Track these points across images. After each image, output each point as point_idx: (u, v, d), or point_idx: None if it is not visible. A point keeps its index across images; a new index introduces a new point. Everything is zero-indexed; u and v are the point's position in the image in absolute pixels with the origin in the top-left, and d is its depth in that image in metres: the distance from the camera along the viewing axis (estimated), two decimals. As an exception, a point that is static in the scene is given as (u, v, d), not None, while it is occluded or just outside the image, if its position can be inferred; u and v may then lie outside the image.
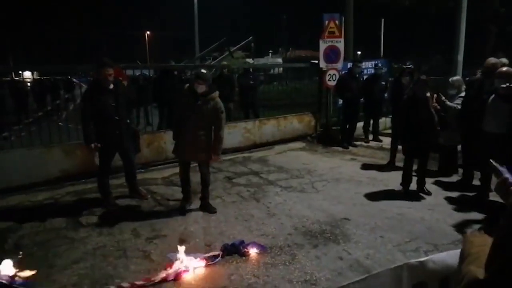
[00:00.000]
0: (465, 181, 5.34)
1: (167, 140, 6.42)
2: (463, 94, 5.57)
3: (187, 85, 4.40)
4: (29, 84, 14.34)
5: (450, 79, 5.98)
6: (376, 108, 8.09)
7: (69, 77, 13.57)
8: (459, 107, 5.34)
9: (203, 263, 3.25)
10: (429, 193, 5.00)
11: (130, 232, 4.00)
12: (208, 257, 3.36)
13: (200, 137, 4.30)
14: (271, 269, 3.26)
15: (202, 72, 4.34)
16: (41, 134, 5.75)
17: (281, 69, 13.02)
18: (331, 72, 8.14)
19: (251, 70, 9.40)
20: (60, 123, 6.24)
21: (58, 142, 5.85)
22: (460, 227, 4.04)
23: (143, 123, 10.30)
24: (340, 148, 7.76)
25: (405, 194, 5.00)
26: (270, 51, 42.17)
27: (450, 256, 1.67)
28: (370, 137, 8.37)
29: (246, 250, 3.48)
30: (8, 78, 13.70)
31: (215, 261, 3.32)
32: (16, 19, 38.82)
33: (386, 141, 7.97)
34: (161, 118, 7.91)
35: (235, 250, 3.48)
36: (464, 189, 5.14)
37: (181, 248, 3.30)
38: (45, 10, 43.85)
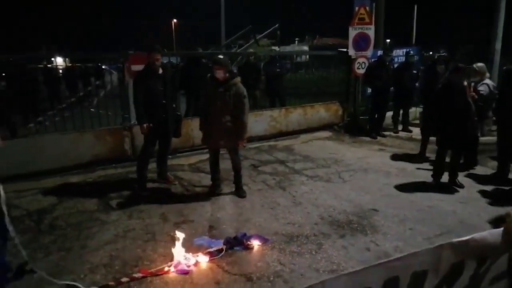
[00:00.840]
0: (501, 174, 5.13)
1: (194, 127, 6.46)
2: (486, 81, 5.31)
3: (209, 74, 4.38)
4: (61, 71, 14.79)
5: (474, 65, 5.72)
6: (406, 97, 7.84)
7: (99, 64, 13.88)
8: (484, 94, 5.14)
9: (206, 258, 3.20)
10: (461, 186, 4.83)
11: (158, 216, 4.09)
12: (212, 251, 3.29)
13: (226, 124, 4.31)
14: (297, 257, 3.25)
15: (219, 58, 4.35)
16: (74, 119, 5.91)
17: (307, 57, 12.81)
18: (361, 60, 7.93)
19: (277, 57, 9.27)
20: (91, 109, 6.40)
21: (89, 127, 6.01)
22: (495, 221, 3.89)
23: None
24: (368, 138, 7.60)
25: (436, 187, 4.85)
26: (296, 38, 41.59)
27: (491, 235, 1.62)
28: (400, 127, 8.14)
29: (249, 242, 3.43)
30: (42, 66, 14.18)
31: (219, 255, 3.26)
32: (49, 8, 39.88)
33: (416, 132, 7.77)
34: (188, 105, 7.96)
35: (237, 243, 3.43)
36: (500, 183, 4.93)
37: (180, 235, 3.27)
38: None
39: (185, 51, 18.30)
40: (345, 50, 8.38)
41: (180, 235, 3.26)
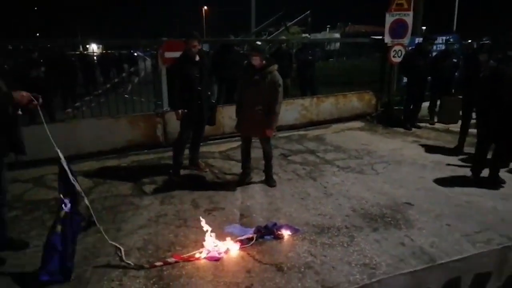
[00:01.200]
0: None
1: (225, 114, 6.51)
2: None
3: (247, 61, 4.34)
4: (95, 57, 15.19)
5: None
6: (444, 87, 7.51)
7: (131, 51, 14.14)
8: None
9: (237, 246, 3.20)
10: (503, 182, 4.59)
11: (189, 202, 4.14)
12: (242, 240, 3.29)
13: (259, 112, 4.28)
14: (329, 249, 3.20)
15: (256, 44, 4.34)
16: (109, 105, 6.05)
17: (338, 44, 12.51)
18: (397, 48, 7.64)
19: (310, 45, 9.10)
20: (125, 95, 6.54)
21: (123, 113, 6.14)
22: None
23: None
24: (402, 129, 7.36)
25: (475, 181, 4.63)
26: (328, 26, 40.73)
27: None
28: (436, 118, 7.83)
29: (279, 232, 3.39)
30: (78, 52, 14.61)
31: (250, 244, 3.25)
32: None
33: (453, 124, 7.46)
34: (219, 92, 7.98)
35: (268, 232, 3.40)
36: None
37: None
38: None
39: (216, 38, 18.31)
40: (379, 37, 8.10)
41: (206, 226, 3.27)
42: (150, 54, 6.56)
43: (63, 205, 2.76)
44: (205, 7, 45.85)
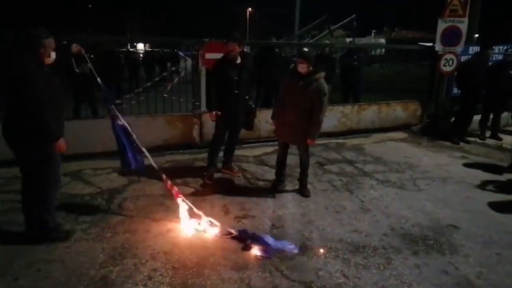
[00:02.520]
0: None
1: (262, 118, 6.39)
2: None
3: (293, 65, 4.20)
4: (141, 55, 15.65)
5: None
6: (499, 100, 6.97)
7: (175, 50, 14.41)
8: None
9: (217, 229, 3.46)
10: None
11: (220, 207, 4.06)
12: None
13: (300, 119, 4.11)
14: (363, 271, 2.99)
15: (304, 51, 4.10)
16: (148, 103, 6.12)
17: (383, 50, 12.03)
18: (448, 56, 7.18)
19: (355, 49, 8.74)
20: (165, 95, 6.59)
21: (162, 112, 6.19)
22: None
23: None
24: (448, 143, 6.90)
25: (531, 207, 4.22)
26: (373, 30, 39.63)
27: None
28: (487, 133, 7.29)
29: (250, 244, 3.25)
30: (125, 49, 15.12)
31: (229, 236, 3.39)
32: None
33: (507, 140, 6.92)
34: (257, 95, 7.88)
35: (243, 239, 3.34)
36: None
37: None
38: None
39: (258, 40, 18.29)
40: (429, 44, 7.66)
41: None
42: (191, 54, 6.57)
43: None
44: (250, 9, 46.20)
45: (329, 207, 4.16)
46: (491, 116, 7.25)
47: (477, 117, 7.24)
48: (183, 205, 3.64)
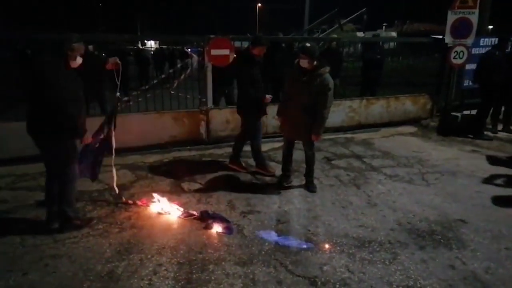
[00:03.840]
0: None
1: (269, 114, 6.35)
2: None
3: (297, 60, 4.15)
4: (151, 52, 15.75)
5: None
6: (510, 93, 6.81)
7: (184, 47, 14.46)
8: None
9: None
10: None
11: (226, 203, 4.07)
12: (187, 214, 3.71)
13: (305, 115, 4.09)
14: (368, 266, 2.97)
15: (306, 46, 4.04)
16: (155, 100, 6.15)
17: (394, 43, 11.87)
18: (459, 48, 7.04)
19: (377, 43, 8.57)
20: (171, 91, 6.63)
21: (169, 109, 6.21)
22: None
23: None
24: (458, 138, 6.78)
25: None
26: (384, 24, 39.19)
27: None
28: (499, 126, 7.15)
29: (211, 224, 3.50)
30: (135, 47, 15.22)
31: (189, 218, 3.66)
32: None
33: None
34: (265, 91, 7.85)
35: (204, 219, 3.60)
36: None
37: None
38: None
39: (266, 36, 18.20)
40: (440, 37, 7.53)
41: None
42: (197, 51, 6.58)
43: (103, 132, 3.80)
44: (259, 4, 46.03)
45: (336, 202, 4.13)
46: (503, 109, 7.10)
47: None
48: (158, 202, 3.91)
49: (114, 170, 4.06)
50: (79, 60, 3.23)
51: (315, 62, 4.00)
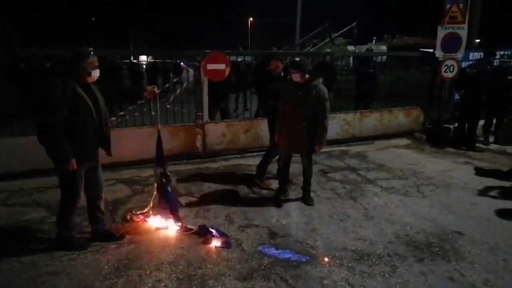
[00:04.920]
0: None
1: (264, 127, 6.39)
2: None
3: (289, 76, 4.21)
4: (144, 66, 15.79)
5: None
6: (501, 105, 6.96)
7: (177, 61, 14.53)
8: None
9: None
10: None
11: (224, 217, 4.06)
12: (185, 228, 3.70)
13: (303, 128, 4.11)
14: (368, 279, 2.98)
15: (296, 61, 4.13)
16: (151, 114, 6.14)
17: (385, 57, 12.11)
18: (449, 62, 7.20)
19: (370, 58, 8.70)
20: (167, 105, 6.64)
21: (164, 123, 6.21)
22: None
23: (241, 108, 10.54)
24: (452, 149, 6.88)
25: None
26: (374, 38, 39.79)
27: None
28: (491, 139, 7.27)
29: (209, 239, 3.52)
30: (128, 61, 15.25)
31: (188, 232, 3.65)
32: (134, 10, 42.76)
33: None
34: (259, 105, 7.92)
35: (202, 233, 3.61)
36: None
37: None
38: (160, 2, 47.68)
39: (259, 51, 18.42)
40: (429, 50, 7.70)
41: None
42: (193, 65, 6.64)
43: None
44: (251, 19, 46.56)
45: (333, 215, 4.15)
46: (494, 121, 7.24)
47: (480, 123, 7.21)
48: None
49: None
50: (96, 74, 3.11)
51: (307, 76, 4.06)
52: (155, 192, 3.84)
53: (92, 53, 3.08)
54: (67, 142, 2.96)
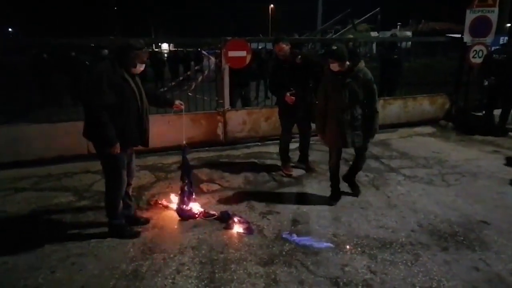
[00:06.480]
0: None
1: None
2: None
3: (327, 66, 3.90)
4: (166, 55, 15.90)
5: None
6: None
7: (199, 49, 14.57)
8: None
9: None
10: None
11: (245, 204, 4.10)
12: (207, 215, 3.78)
13: (358, 117, 3.84)
14: (390, 267, 2.96)
15: (332, 50, 3.77)
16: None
17: (409, 43, 11.75)
18: (478, 47, 6.94)
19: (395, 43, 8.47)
20: (189, 93, 6.69)
21: (186, 111, 6.27)
22: None
23: (262, 96, 10.52)
24: (479, 137, 6.68)
25: None
26: (399, 23, 38.68)
27: None
28: (520, 126, 7.01)
29: (232, 223, 3.57)
30: (150, 49, 15.40)
31: (210, 218, 3.74)
32: (157, 1, 43.06)
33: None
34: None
35: (224, 219, 3.67)
36: None
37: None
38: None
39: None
40: (457, 36, 7.43)
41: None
42: (213, 53, 6.64)
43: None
44: (272, 5, 46.08)
45: (355, 203, 4.12)
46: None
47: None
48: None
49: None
50: (140, 67, 3.19)
51: (347, 63, 3.74)
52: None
53: (144, 47, 3.16)
54: (112, 126, 3.04)
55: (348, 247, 3.24)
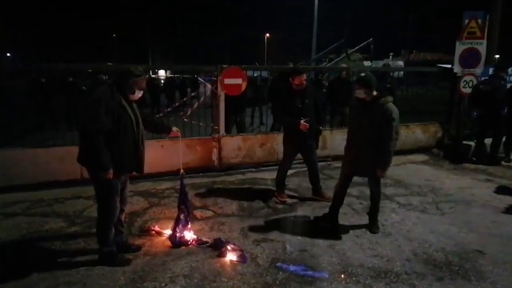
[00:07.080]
0: None
1: (279, 141, 6.41)
2: None
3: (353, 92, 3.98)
4: (162, 81, 16.10)
5: None
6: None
7: (195, 76, 14.80)
8: None
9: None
10: None
11: (239, 231, 4.05)
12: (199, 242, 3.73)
13: (369, 149, 3.80)
14: (385, 297, 2.91)
15: (360, 76, 3.85)
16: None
17: (402, 73, 12.03)
18: (468, 78, 7.12)
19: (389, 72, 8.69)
20: (185, 119, 6.74)
21: (181, 136, 6.29)
22: None
23: (257, 122, 10.61)
24: (471, 166, 6.74)
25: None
26: (391, 53, 39.73)
27: None
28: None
29: (224, 251, 3.51)
30: (146, 76, 15.61)
31: (203, 245, 3.69)
32: (155, 28, 44.04)
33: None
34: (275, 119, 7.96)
35: (217, 247, 3.62)
36: None
37: None
38: (178, 18, 49.00)
39: (276, 66, 18.58)
40: (448, 66, 7.63)
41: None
42: (210, 80, 6.75)
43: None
44: (267, 34, 47.21)
45: (349, 231, 4.09)
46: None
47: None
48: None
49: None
50: (138, 94, 3.22)
51: (374, 93, 3.75)
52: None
53: (143, 74, 3.21)
54: (107, 151, 3.03)
55: (342, 276, 3.19)
